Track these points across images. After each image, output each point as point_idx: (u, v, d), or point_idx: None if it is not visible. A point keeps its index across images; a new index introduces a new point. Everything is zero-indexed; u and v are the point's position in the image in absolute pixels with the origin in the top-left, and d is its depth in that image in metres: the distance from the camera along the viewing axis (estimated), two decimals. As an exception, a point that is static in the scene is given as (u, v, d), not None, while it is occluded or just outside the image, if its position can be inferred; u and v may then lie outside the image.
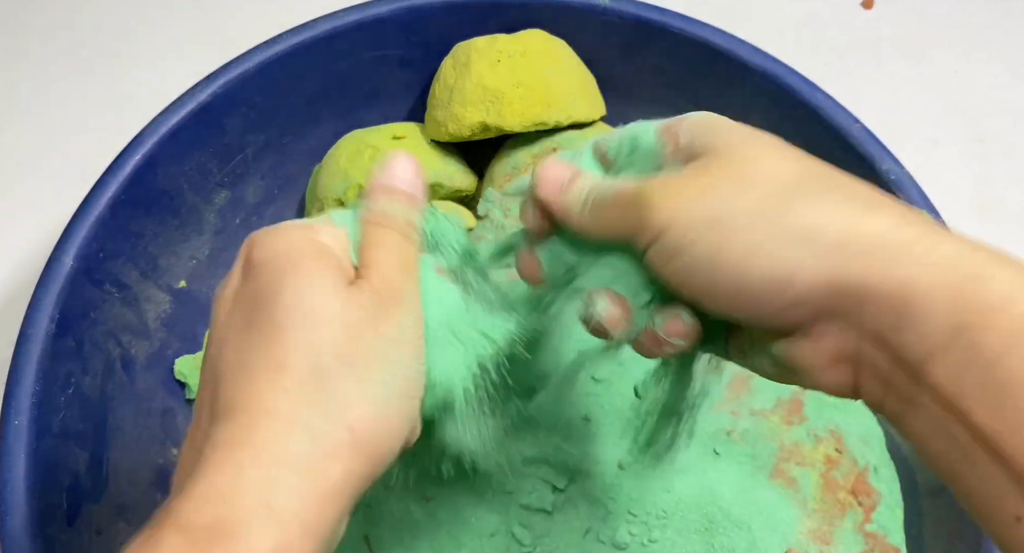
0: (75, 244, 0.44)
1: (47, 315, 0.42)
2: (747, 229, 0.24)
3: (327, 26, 0.52)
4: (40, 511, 0.39)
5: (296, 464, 0.24)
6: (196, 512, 0.23)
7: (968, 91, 0.70)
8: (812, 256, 0.23)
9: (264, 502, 0.23)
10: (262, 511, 0.23)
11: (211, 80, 0.50)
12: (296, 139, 0.56)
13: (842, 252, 0.23)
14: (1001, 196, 0.65)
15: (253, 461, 0.24)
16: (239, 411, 0.25)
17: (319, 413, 0.24)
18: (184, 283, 0.52)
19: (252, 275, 0.27)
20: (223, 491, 0.23)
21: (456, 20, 0.54)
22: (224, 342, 0.27)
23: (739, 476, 0.42)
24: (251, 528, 0.22)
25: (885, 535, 0.44)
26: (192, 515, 0.23)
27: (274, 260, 0.27)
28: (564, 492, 0.40)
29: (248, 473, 0.23)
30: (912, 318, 0.22)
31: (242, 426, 0.24)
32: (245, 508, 0.23)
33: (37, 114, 0.67)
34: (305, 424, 0.24)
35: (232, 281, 0.28)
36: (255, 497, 0.23)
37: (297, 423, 0.24)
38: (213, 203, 0.53)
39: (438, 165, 0.53)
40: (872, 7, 0.74)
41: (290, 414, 0.24)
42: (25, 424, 0.40)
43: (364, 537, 0.40)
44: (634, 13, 0.53)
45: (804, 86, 0.51)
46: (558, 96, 0.51)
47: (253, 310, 0.26)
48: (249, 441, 0.24)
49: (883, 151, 0.49)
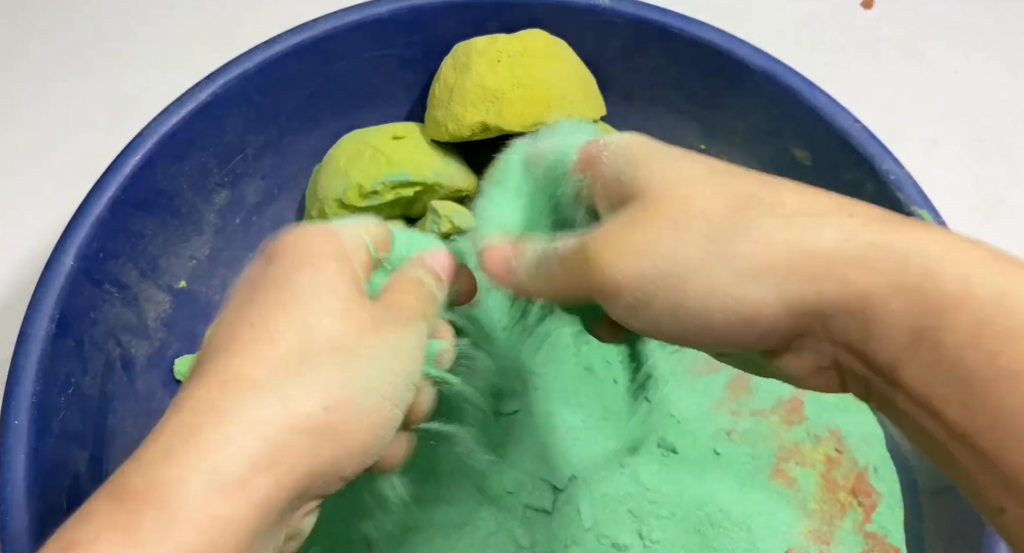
0: (75, 244, 0.44)
1: (47, 315, 0.42)
2: (698, 277, 0.24)
3: (327, 26, 0.52)
4: (40, 511, 0.39)
5: (259, 430, 0.23)
6: (133, 475, 0.22)
7: (968, 91, 0.70)
8: (767, 291, 0.23)
9: (211, 464, 0.22)
10: (205, 474, 0.22)
11: (211, 80, 0.50)
12: (296, 139, 0.56)
13: (795, 279, 0.23)
14: (1001, 196, 0.65)
15: (215, 424, 0.23)
16: (212, 377, 0.24)
17: (296, 383, 0.24)
18: (184, 283, 0.52)
19: (270, 262, 0.28)
20: (171, 452, 0.22)
21: (456, 20, 0.54)
22: (223, 319, 0.27)
23: (739, 476, 0.43)
24: (187, 492, 0.21)
25: (885, 535, 0.44)
26: (129, 479, 0.22)
27: (294, 252, 0.28)
28: (564, 492, 0.40)
29: (204, 434, 0.23)
30: (875, 328, 0.22)
31: (211, 390, 0.24)
32: (188, 469, 0.22)
33: (37, 114, 0.67)
34: (279, 392, 0.24)
35: (249, 270, 0.28)
36: (203, 458, 0.22)
37: (271, 390, 0.24)
38: (213, 203, 0.53)
39: (438, 165, 0.53)
40: (872, 7, 0.74)
41: (267, 381, 0.24)
42: (25, 424, 0.40)
43: (364, 537, 0.40)
44: (634, 13, 0.53)
45: (804, 86, 0.51)
46: (558, 96, 0.51)
47: (260, 290, 0.26)
48: (215, 405, 0.23)
49: (883, 151, 0.49)
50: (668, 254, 0.24)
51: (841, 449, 0.45)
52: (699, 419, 0.44)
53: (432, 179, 0.52)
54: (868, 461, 0.45)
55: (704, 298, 0.24)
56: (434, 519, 0.40)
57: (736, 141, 0.56)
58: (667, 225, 0.25)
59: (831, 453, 0.44)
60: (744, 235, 0.23)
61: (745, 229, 0.24)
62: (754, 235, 0.23)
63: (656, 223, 0.25)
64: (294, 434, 0.23)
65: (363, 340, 0.26)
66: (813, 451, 0.44)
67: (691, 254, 0.24)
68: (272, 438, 0.23)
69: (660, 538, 0.40)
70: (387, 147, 0.53)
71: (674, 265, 0.24)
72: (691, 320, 0.24)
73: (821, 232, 0.23)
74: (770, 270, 0.23)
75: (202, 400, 0.24)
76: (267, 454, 0.23)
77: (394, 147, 0.53)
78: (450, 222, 0.52)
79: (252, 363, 0.24)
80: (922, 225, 0.23)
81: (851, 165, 0.50)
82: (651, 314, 0.25)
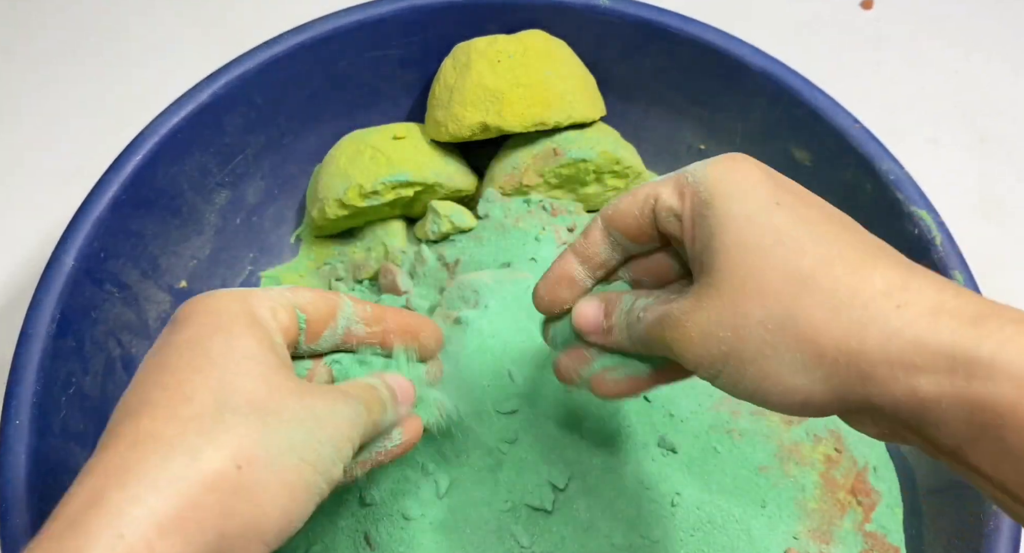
0: (76, 244, 0.44)
1: (48, 315, 0.42)
2: (753, 363, 0.25)
3: (328, 26, 0.52)
4: (41, 511, 0.39)
5: (166, 489, 0.22)
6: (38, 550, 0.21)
7: (968, 91, 0.70)
8: (816, 383, 0.24)
9: (116, 530, 0.21)
10: (109, 540, 0.21)
11: (212, 80, 0.50)
12: (296, 139, 0.56)
13: (843, 375, 0.24)
14: (1003, 196, 0.65)
15: (121, 485, 0.22)
16: (121, 440, 0.23)
17: (208, 440, 0.23)
18: (184, 283, 0.52)
19: (179, 328, 0.27)
20: (76, 522, 0.21)
21: (456, 20, 0.54)
22: (133, 386, 0.26)
23: (739, 476, 0.43)
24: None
25: (884, 535, 0.44)
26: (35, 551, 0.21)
27: (205, 317, 0.27)
28: (564, 491, 0.40)
29: (109, 497, 0.22)
30: (929, 421, 0.23)
31: (119, 452, 0.23)
32: (92, 537, 0.21)
33: (37, 114, 0.67)
34: (190, 449, 0.23)
35: (159, 338, 0.27)
36: (109, 524, 0.21)
37: (181, 448, 0.23)
38: (214, 203, 0.53)
39: (438, 165, 0.53)
40: (872, 7, 0.74)
41: (177, 438, 0.23)
42: (26, 424, 0.40)
43: (365, 536, 0.40)
44: (634, 13, 0.53)
45: (804, 86, 0.51)
46: (558, 96, 0.51)
47: (172, 356, 0.25)
48: (122, 466, 0.22)
49: (883, 151, 0.49)
50: (729, 339, 0.26)
51: (840, 449, 0.45)
52: (699, 418, 0.44)
53: (432, 179, 0.52)
54: (867, 460, 0.45)
55: (759, 381, 0.26)
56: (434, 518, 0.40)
57: (736, 141, 0.56)
58: (729, 310, 0.26)
59: (830, 453, 0.44)
60: (795, 327, 0.24)
61: (795, 320, 0.24)
62: (803, 328, 0.24)
63: (720, 306, 0.26)
64: (205, 493, 0.22)
65: (284, 402, 0.25)
66: (812, 451, 0.44)
67: (749, 341, 0.25)
68: (180, 497, 0.22)
69: (660, 537, 0.40)
70: (387, 147, 0.53)
71: (733, 349, 0.26)
72: (751, 395, 0.26)
73: (866, 330, 0.23)
74: (819, 365, 0.24)
75: (110, 463, 0.23)
76: (175, 514, 0.22)
77: (394, 147, 0.53)
78: (450, 222, 0.52)
79: (162, 422, 0.23)
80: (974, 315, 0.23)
81: (851, 165, 0.50)
82: (719, 383, 0.27)
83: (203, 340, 0.26)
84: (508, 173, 0.53)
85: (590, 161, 0.52)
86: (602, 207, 0.55)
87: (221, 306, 0.27)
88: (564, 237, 0.52)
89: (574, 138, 0.52)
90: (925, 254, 0.47)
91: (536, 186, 0.53)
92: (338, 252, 0.56)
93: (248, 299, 0.28)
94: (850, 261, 0.25)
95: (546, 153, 0.52)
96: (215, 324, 0.26)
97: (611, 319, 0.31)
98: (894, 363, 0.23)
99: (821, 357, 0.24)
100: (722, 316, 0.26)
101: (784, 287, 0.25)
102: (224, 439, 0.23)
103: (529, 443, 0.40)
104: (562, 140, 0.52)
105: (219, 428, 0.23)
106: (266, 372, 0.26)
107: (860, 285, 0.24)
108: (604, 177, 0.54)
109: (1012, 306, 0.24)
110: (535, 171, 0.53)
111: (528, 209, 0.53)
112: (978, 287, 0.45)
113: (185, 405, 0.24)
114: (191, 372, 0.25)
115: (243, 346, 0.26)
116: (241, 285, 0.55)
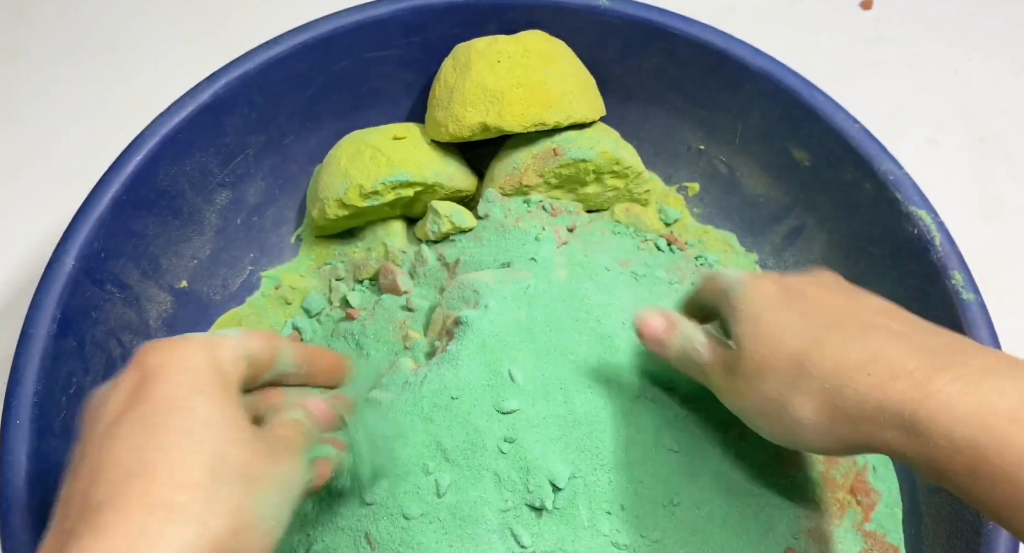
0: (76, 244, 0.44)
1: (48, 315, 0.42)
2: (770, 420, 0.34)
3: (328, 27, 0.52)
4: (41, 511, 0.39)
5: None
6: None
7: (968, 91, 0.70)
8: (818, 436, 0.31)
9: None
10: None
11: (212, 80, 0.50)
12: (297, 139, 0.56)
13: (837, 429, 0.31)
14: (1002, 196, 0.65)
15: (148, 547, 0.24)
16: (135, 503, 0.25)
17: (213, 510, 0.26)
18: (185, 283, 0.52)
19: (152, 380, 0.29)
20: None
21: (456, 21, 0.54)
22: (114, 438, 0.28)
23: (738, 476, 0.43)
24: None
25: (884, 534, 0.44)
26: None
27: (179, 374, 0.29)
28: (564, 491, 0.40)
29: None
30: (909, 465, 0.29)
31: (137, 517, 0.25)
32: None
33: (38, 114, 0.67)
34: (199, 519, 0.26)
35: (122, 382, 0.29)
36: None
37: (194, 517, 0.26)
38: (214, 203, 0.53)
39: (438, 165, 0.54)
40: (871, 7, 0.74)
41: (188, 507, 0.26)
42: (26, 424, 0.40)
43: (365, 535, 0.40)
44: (634, 14, 0.53)
45: (803, 87, 0.51)
46: (558, 97, 0.51)
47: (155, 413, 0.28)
48: (145, 530, 0.25)
49: (882, 152, 0.49)
50: (751, 403, 0.34)
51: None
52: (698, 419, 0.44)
53: (432, 179, 0.53)
54: (867, 460, 0.46)
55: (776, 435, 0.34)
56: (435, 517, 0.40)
57: (735, 141, 0.56)
58: (752, 381, 0.34)
59: (830, 453, 0.44)
60: (794, 396, 0.32)
61: (794, 391, 0.32)
62: (800, 396, 0.32)
63: (744, 377, 0.34)
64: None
65: (263, 469, 0.29)
66: (812, 450, 0.44)
67: (765, 405, 0.33)
68: None
69: (659, 537, 0.40)
70: (387, 147, 0.53)
71: (755, 409, 0.34)
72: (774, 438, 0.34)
73: (844, 394, 0.30)
74: (815, 423, 0.31)
75: (131, 527, 0.25)
76: None
77: (394, 147, 0.53)
78: (450, 222, 0.52)
79: (171, 490, 0.26)
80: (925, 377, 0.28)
81: (850, 165, 0.50)
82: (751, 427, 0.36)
83: (185, 400, 0.28)
84: (508, 173, 0.53)
85: (590, 161, 0.52)
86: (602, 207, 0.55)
87: (192, 363, 0.30)
88: (564, 237, 0.52)
89: (574, 138, 0.53)
90: (924, 254, 0.47)
91: (536, 186, 0.53)
92: (338, 252, 0.57)
93: (214, 352, 0.31)
94: (835, 342, 0.32)
95: (546, 153, 0.52)
96: (191, 383, 0.29)
97: (671, 338, 0.38)
98: (869, 420, 0.29)
99: (816, 417, 0.31)
100: (747, 386, 0.34)
101: (789, 363, 0.32)
102: (222, 508, 0.27)
103: (530, 443, 0.41)
104: (562, 140, 0.52)
105: (217, 497, 0.27)
106: (248, 438, 0.29)
107: (842, 359, 0.31)
108: (604, 177, 0.54)
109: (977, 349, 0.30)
110: (535, 171, 0.53)
111: (528, 209, 0.53)
112: (977, 287, 0.45)
113: (186, 472, 0.26)
114: (182, 435, 0.27)
115: (222, 410, 0.29)
116: (242, 285, 0.55)
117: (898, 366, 0.29)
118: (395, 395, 0.42)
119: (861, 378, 0.29)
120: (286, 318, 0.54)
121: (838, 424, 0.30)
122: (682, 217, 0.58)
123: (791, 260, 0.56)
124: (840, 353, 0.31)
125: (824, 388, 0.30)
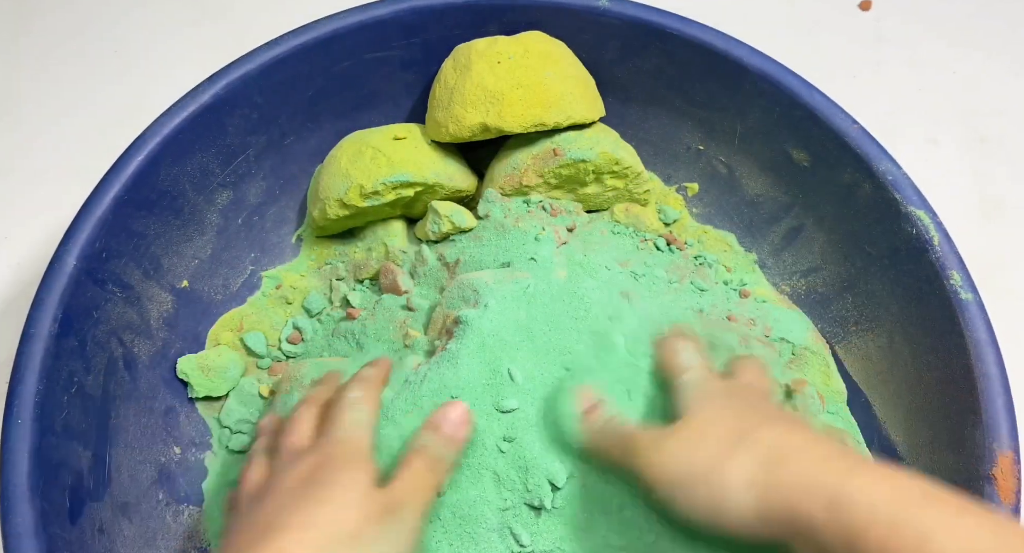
0: (78, 244, 0.45)
1: (50, 315, 0.43)
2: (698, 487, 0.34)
3: (329, 27, 0.52)
4: (43, 510, 0.39)
5: None
6: None
7: (968, 91, 0.70)
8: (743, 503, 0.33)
9: None
10: None
11: (213, 81, 0.50)
12: (298, 140, 0.56)
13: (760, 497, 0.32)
14: (1002, 196, 0.65)
15: None
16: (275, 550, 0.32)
17: None
18: (186, 283, 0.52)
19: (324, 452, 0.37)
20: None
21: (456, 22, 0.54)
22: (288, 493, 0.35)
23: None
24: None
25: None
26: None
27: (343, 446, 0.37)
28: (563, 491, 0.40)
29: None
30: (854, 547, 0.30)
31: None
32: None
33: (39, 114, 0.68)
34: None
35: (313, 458, 0.37)
36: None
37: None
38: (215, 203, 0.53)
39: (439, 165, 0.54)
40: (870, 8, 0.74)
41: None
42: (28, 423, 0.40)
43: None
44: (633, 15, 0.53)
45: (802, 87, 0.51)
46: (557, 97, 0.51)
47: (313, 482, 0.35)
48: None
49: (881, 152, 0.49)
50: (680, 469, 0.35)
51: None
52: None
53: (432, 179, 0.53)
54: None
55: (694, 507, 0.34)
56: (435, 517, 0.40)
57: (734, 141, 0.56)
58: (685, 446, 0.36)
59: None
60: (730, 463, 0.34)
61: (730, 459, 0.34)
62: (737, 463, 0.34)
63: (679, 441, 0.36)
64: None
65: (370, 528, 0.34)
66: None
67: (695, 471, 0.35)
68: None
69: (659, 537, 0.40)
70: (388, 148, 0.53)
71: (682, 477, 0.35)
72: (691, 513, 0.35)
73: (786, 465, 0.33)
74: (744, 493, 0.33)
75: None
76: None
77: (395, 148, 0.53)
78: (450, 222, 0.52)
79: (298, 547, 0.32)
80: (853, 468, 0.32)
81: (848, 165, 0.50)
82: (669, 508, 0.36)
83: (337, 471, 0.36)
84: (508, 173, 0.53)
85: (590, 161, 0.52)
86: (601, 207, 0.55)
87: (359, 439, 0.38)
88: (564, 237, 0.52)
89: (574, 138, 0.53)
90: (922, 254, 0.47)
91: (536, 186, 0.53)
92: (339, 252, 0.57)
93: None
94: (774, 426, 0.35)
95: (546, 153, 0.52)
96: (346, 456, 0.37)
97: (593, 415, 0.40)
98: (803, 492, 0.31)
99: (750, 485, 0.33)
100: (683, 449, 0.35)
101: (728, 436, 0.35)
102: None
103: (529, 442, 0.41)
104: (562, 141, 0.53)
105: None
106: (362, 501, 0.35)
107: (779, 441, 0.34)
108: (603, 177, 0.54)
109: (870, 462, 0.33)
110: (535, 171, 0.53)
111: (528, 209, 0.53)
112: (976, 287, 0.45)
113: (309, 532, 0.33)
114: (316, 504, 0.34)
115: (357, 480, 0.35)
116: (243, 285, 0.56)
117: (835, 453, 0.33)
118: (395, 393, 0.42)
119: (804, 454, 0.33)
120: (287, 318, 0.55)
121: (772, 491, 0.32)
122: (681, 217, 0.58)
123: (790, 260, 0.56)
124: (777, 440, 0.34)
125: (768, 457, 0.33)
